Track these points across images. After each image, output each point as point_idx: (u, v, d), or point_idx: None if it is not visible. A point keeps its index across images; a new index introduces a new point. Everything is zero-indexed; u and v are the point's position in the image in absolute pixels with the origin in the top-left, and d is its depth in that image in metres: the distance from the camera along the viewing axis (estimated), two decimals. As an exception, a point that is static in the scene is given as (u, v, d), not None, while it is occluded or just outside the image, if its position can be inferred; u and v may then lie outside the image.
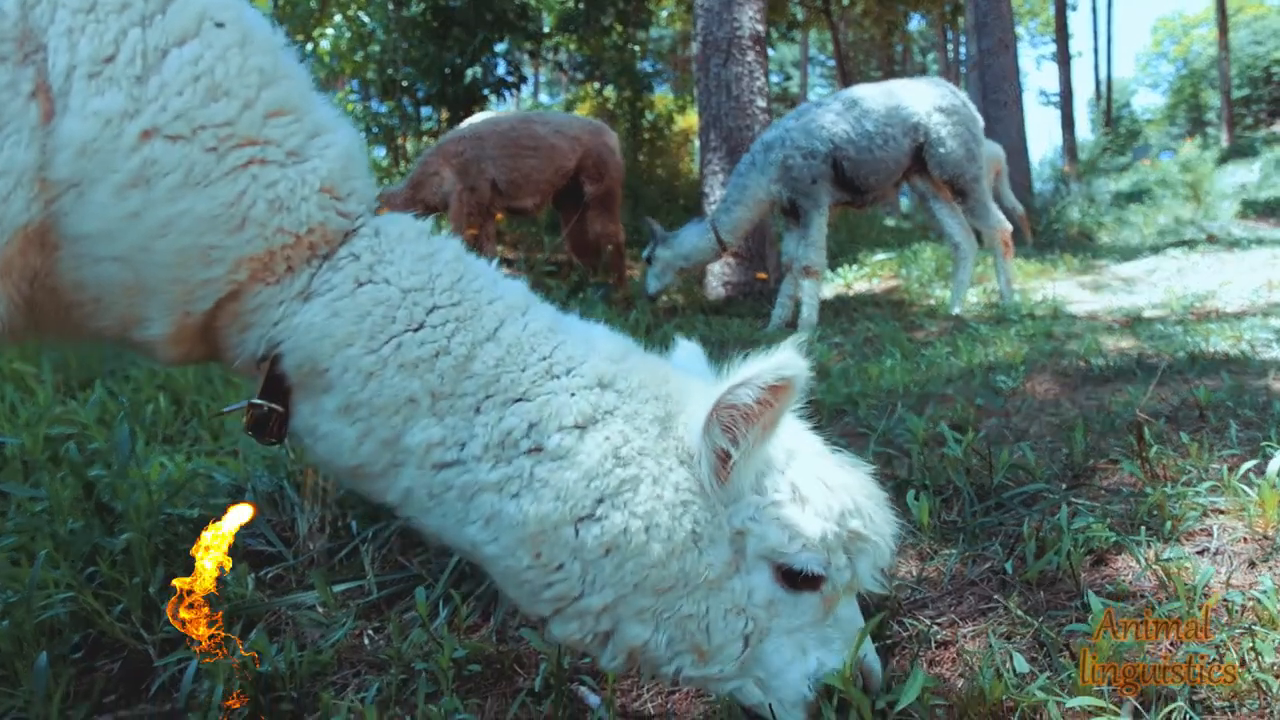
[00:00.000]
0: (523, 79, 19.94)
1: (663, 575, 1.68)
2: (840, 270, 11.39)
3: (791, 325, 7.72)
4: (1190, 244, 11.41)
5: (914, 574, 2.51)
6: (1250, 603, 1.97)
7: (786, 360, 1.61)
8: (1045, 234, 14.55)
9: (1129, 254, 11.60)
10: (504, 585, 1.81)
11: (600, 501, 1.68)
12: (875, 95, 8.06)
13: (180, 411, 5.13)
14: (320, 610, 2.75)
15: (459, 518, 1.76)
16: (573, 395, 1.74)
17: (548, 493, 1.68)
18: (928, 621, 2.23)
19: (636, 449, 1.72)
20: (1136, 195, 18.75)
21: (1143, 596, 2.11)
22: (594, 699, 2.16)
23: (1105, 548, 2.39)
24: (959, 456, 2.94)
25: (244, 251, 1.68)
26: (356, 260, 1.78)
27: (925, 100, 7.90)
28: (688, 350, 2.19)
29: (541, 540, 1.69)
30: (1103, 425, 3.58)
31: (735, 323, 7.90)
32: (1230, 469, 2.60)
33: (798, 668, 1.77)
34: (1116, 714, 1.58)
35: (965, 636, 2.11)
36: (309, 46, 15.89)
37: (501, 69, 17.80)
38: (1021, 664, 1.83)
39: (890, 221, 18.38)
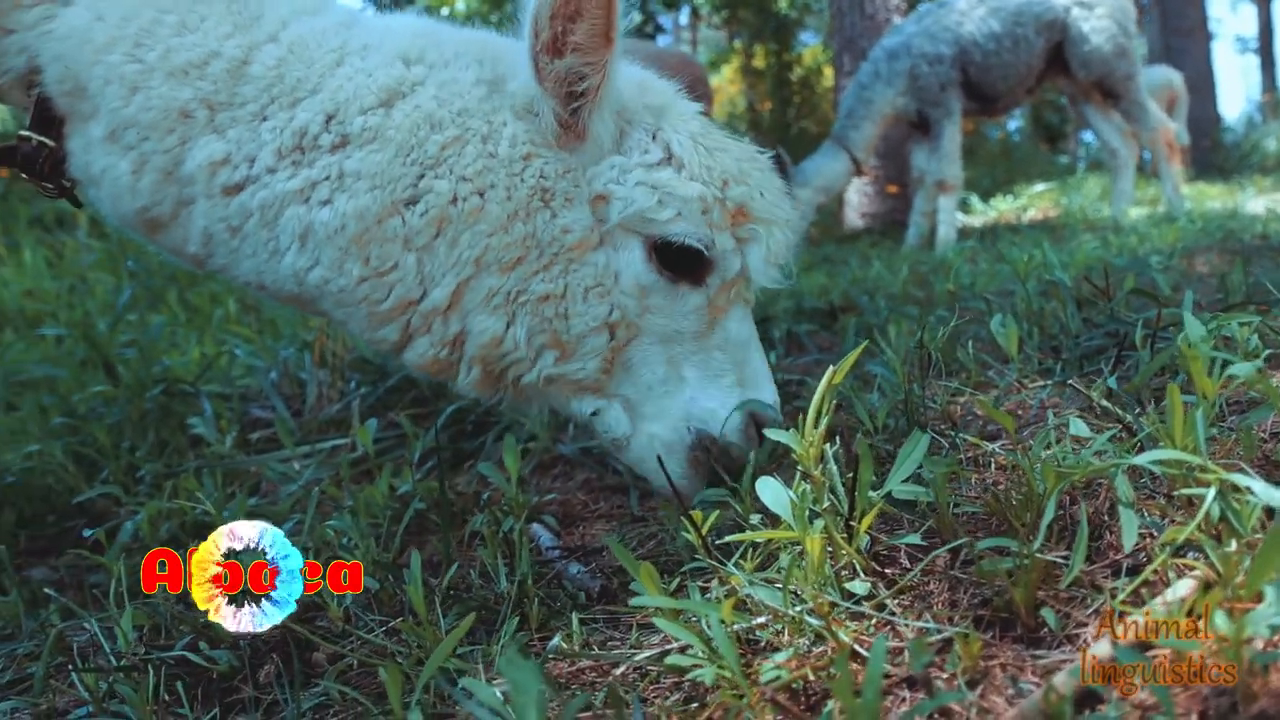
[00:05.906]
0: (659, 29, 19.41)
1: (507, 243, 1.47)
2: (993, 201, 10.43)
3: (928, 244, 6.99)
4: None
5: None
6: None
7: None
8: (1235, 165, 12.95)
9: (1337, 173, 10.12)
10: (345, 319, 1.61)
11: (421, 176, 1.47)
12: (1006, -12, 7.18)
13: (260, 321, 5.05)
14: (296, 466, 2.46)
15: (271, 249, 1.56)
16: (370, 75, 1.53)
17: (363, 184, 1.48)
18: (992, 446, 1.65)
19: (455, 110, 1.50)
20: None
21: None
22: (546, 538, 1.74)
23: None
24: (1065, 283, 2.30)
25: None
26: None
27: None
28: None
29: (368, 241, 1.48)
30: (1275, 276, 2.82)
31: (863, 244, 7.20)
32: None
33: (673, 396, 1.56)
34: (1220, 476, 0.97)
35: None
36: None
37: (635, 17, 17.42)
38: (1079, 427, 1.25)
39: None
